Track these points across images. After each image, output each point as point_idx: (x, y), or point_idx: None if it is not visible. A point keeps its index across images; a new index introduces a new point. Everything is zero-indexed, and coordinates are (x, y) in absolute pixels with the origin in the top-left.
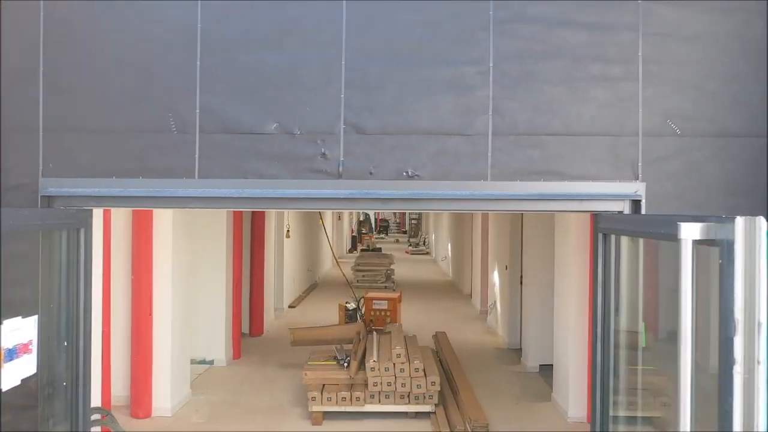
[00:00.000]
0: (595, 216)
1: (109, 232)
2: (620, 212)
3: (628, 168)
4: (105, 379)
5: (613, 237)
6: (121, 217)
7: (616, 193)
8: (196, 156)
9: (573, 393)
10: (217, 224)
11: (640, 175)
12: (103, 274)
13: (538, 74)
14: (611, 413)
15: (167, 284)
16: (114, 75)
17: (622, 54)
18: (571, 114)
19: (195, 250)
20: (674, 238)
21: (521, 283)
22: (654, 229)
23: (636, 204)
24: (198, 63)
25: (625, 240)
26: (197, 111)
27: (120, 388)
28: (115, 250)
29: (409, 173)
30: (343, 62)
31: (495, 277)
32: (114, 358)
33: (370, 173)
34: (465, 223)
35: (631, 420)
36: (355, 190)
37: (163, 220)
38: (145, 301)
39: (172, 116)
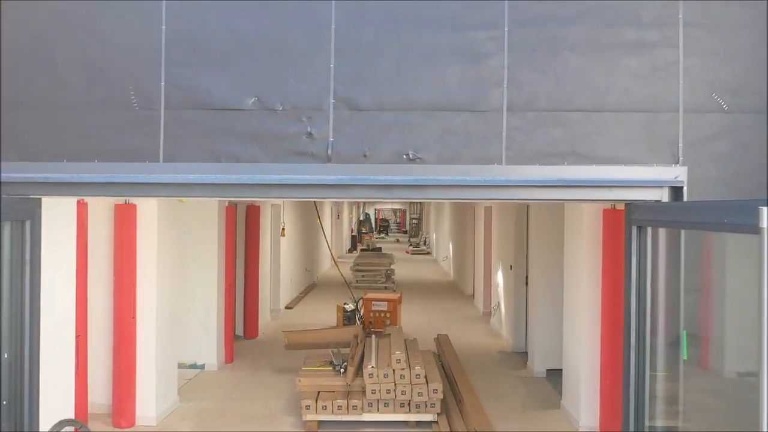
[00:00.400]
0: (629, 206)
1: (85, 226)
2: (657, 201)
3: (666, 150)
4: (80, 387)
5: (649, 230)
6: (102, 210)
7: (652, 179)
8: (161, 136)
9: (585, 400)
10: (207, 220)
11: (680, 158)
12: (79, 274)
13: (561, 40)
14: (647, 423)
15: (152, 284)
16: (65, 43)
17: (659, 17)
18: (600, 87)
19: (184, 248)
20: (748, 229)
21: (526, 283)
22: (714, 218)
23: (676, 191)
24: (163, 28)
25: (662, 234)
26: (162, 84)
27: (102, 396)
28: (95, 248)
29: (410, 156)
30: (332, 26)
31: (499, 277)
32: (95, 364)
33: (365, 156)
34: (467, 221)
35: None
36: (347, 175)
37: (148, 214)
38: (128, 303)
39: (134, 90)
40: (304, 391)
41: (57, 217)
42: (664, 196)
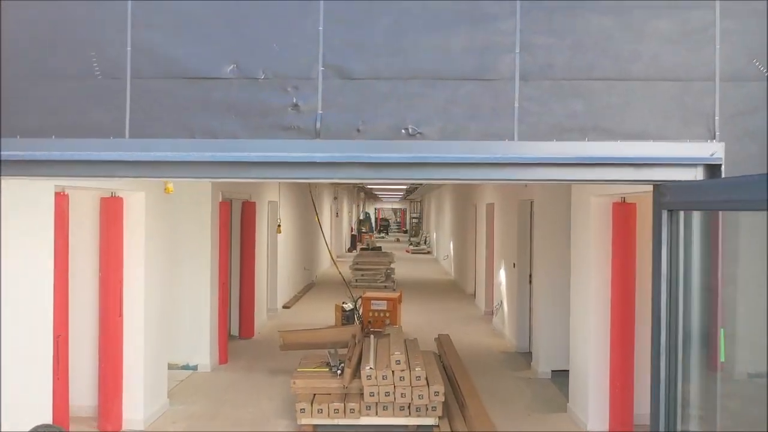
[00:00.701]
0: (658, 188)
1: (64, 219)
2: (692, 181)
3: (701, 123)
4: (60, 389)
5: (681, 214)
6: (88, 204)
7: (685, 156)
8: (128, 109)
9: (593, 403)
10: (200, 215)
11: (716, 133)
12: (58, 271)
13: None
14: (679, 426)
15: (140, 281)
16: (16, 4)
17: None
18: (626, 52)
19: (175, 244)
20: None
21: (530, 281)
22: None
23: (713, 170)
24: None
25: (696, 218)
26: (128, 50)
27: (87, 398)
28: (80, 244)
29: (410, 131)
30: None
31: (501, 275)
32: (80, 365)
33: (358, 131)
34: (468, 219)
35: None
36: (338, 152)
37: (135, 208)
38: (115, 300)
39: (96, 57)
40: (299, 394)
41: (32, 209)
42: (698, 175)
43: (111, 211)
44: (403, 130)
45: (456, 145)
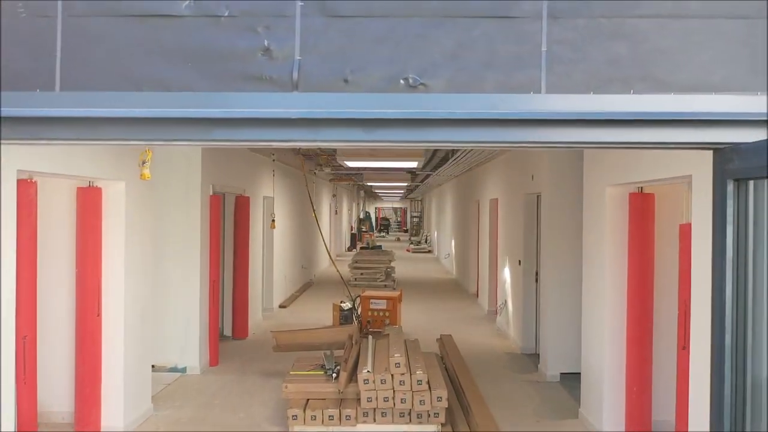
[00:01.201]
0: (720, 152)
1: (31, 209)
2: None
3: None
4: (28, 395)
5: (751, 185)
6: (63, 193)
7: (755, 111)
8: (58, 54)
9: (608, 408)
10: (188, 208)
11: None
12: (23, 266)
13: None
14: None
15: (119, 278)
16: None
17: None
18: None
19: (160, 239)
20: None
21: (536, 279)
22: None
23: None
24: None
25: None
26: None
27: (63, 403)
28: (56, 237)
29: (410, 82)
30: None
31: (505, 273)
32: (54, 368)
33: (345, 81)
34: (470, 216)
35: None
36: (320, 108)
37: (115, 199)
38: (92, 298)
39: None
40: (291, 399)
41: None
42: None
43: (88, 202)
44: (401, 81)
45: (468, 99)
